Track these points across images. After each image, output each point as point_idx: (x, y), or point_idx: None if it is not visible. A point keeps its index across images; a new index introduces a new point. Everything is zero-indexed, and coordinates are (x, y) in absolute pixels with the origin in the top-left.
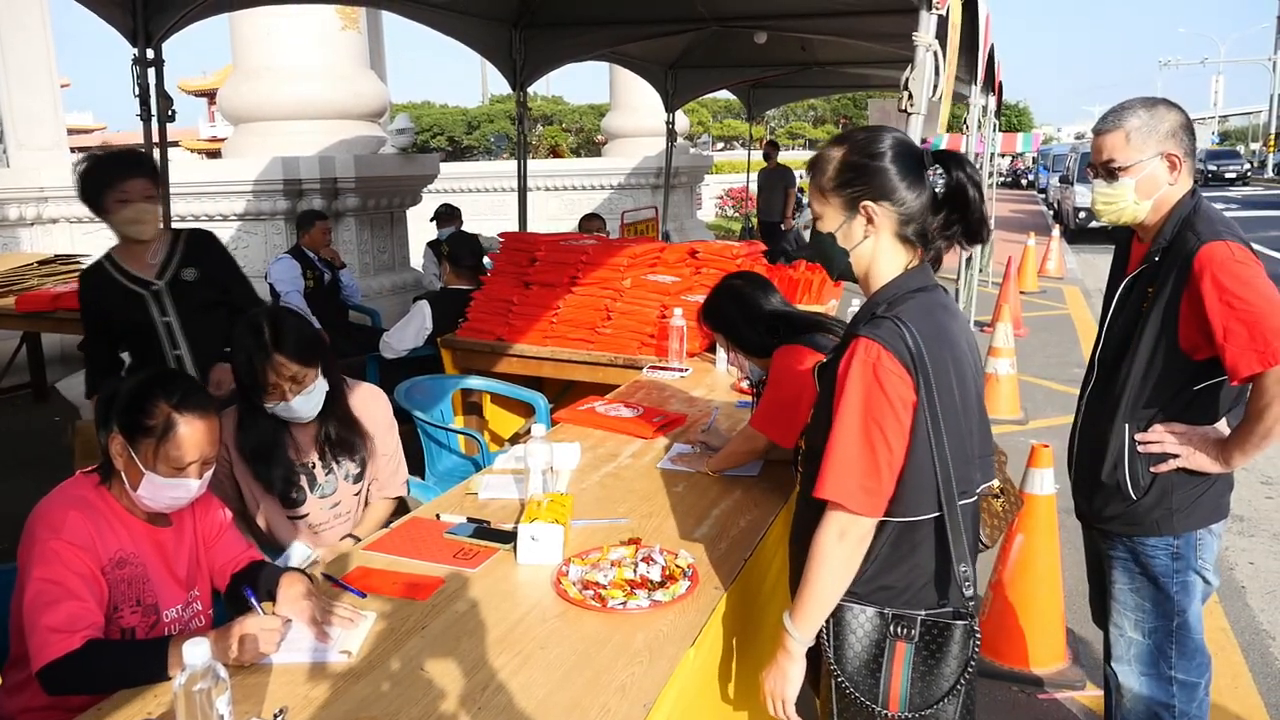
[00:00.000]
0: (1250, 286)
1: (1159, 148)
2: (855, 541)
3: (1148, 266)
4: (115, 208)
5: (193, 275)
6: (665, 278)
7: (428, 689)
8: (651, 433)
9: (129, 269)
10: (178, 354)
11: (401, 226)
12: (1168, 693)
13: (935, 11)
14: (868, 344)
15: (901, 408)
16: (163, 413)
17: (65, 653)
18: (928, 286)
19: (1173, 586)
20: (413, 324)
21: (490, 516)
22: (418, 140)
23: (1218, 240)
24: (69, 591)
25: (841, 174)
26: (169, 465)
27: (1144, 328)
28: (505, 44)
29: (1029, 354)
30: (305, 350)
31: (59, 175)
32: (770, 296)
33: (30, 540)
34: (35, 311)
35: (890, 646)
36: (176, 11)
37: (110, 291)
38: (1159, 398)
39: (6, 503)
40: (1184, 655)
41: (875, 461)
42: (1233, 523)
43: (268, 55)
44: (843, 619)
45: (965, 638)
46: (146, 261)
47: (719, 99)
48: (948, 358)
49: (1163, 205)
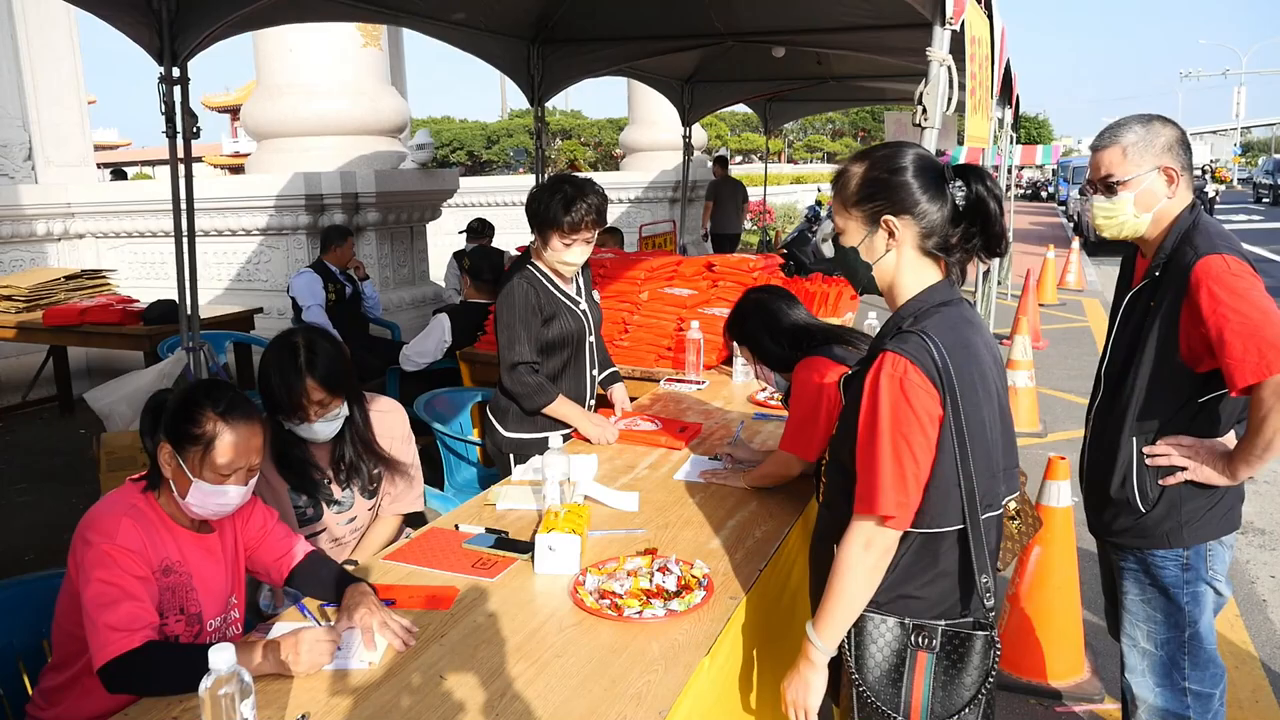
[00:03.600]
0: (1245, 299)
1: (1156, 161)
2: (880, 553)
3: (1149, 281)
4: (561, 248)
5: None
6: (682, 291)
7: (446, 696)
8: (684, 444)
9: (563, 287)
10: (594, 374)
11: (421, 241)
12: (1182, 704)
13: (949, 26)
14: (895, 359)
15: (929, 422)
16: (209, 421)
17: (127, 650)
18: (952, 300)
19: (1183, 597)
20: (432, 337)
21: (508, 527)
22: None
23: (1214, 254)
24: (127, 592)
25: (863, 189)
26: (215, 473)
27: (1147, 341)
28: (523, 60)
29: (1048, 366)
30: (336, 379)
31: (86, 191)
32: (794, 309)
33: (84, 545)
34: (62, 325)
35: (911, 656)
36: (201, 31)
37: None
38: (1164, 410)
39: (35, 513)
40: (1197, 666)
41: (902, 474)
42: (1254, 536)
43: (291, 72)
44: (864, 629)
45: (986, 648)
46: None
47: (736, 113)
48: (973, 372)
49: (1162, 219)
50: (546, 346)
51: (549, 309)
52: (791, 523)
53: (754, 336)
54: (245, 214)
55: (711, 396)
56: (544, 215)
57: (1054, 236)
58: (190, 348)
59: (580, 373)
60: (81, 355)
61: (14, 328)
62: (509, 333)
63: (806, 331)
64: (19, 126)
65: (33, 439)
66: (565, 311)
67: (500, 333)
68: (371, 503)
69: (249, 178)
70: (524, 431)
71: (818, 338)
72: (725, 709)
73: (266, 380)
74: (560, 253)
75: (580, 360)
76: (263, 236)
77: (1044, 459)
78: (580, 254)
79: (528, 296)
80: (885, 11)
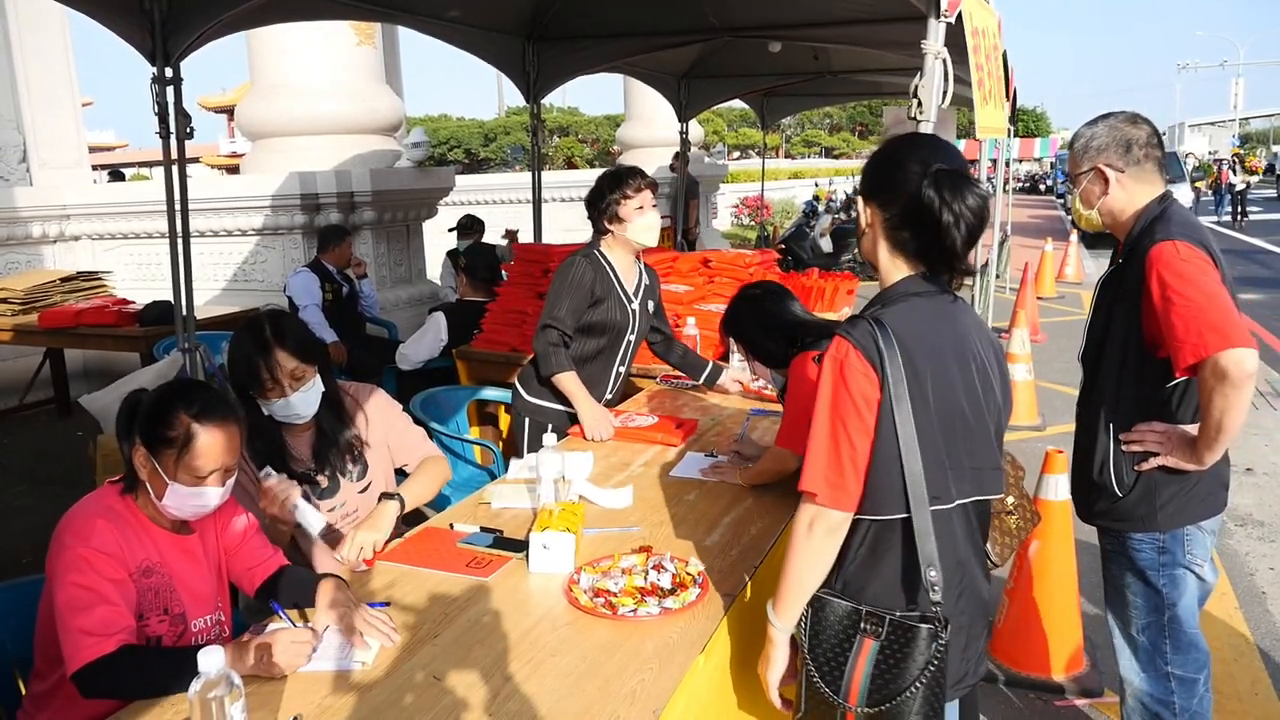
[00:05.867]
0: (1190, 282)
1: (1090, 163)
2: (824, 533)
3: (1115, 269)
4: (634, 213)
5: (650, 307)
6: (679, 287)
7: (441, 697)
8: (680, 440)
9: (622, 279)
10: (620, 371)
11: (418, 239)
12: (1166, 689)
13: (944, 19)
14: (839, 341)
15: (864, 405)
16: (183, 424)
17: (99, 656)
18: (927, 292)
19: (1160, 580)
20: (428, 336)
21: (503, 526)
22: (434, 153)
23: (1168, 240)
24: (101, 596)
25: (864, 169)
26: (191, 475)
27: (1113, 329)
28: (518, 57)
29: (1047, 359)
30: (305, 347)
31: (81, 193)
32: (789, 306)
33: (59, 548)
34: (58, 328)
35: (859, 642)
36: (194, 31)
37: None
38: (1135, 396)
39: (33, 515)
40: (1179, 650)
41: (839, 456)
42: (1254, 528)
43: (285, 72)
44: (822, 611)
45: (929, 640)
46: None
47: (734, 108)
48: (925, 361)
49: (1116, 212)
50: (586, 327)
51: (601, 291)
52: (786, 520)
53: (749, 334)
54: (241, 214)
55: (708, 393)
56: (606, 195)
57: (1052, 229)
58: (186, 349)
59: (608, 365)
60: (78, 357)
61: (10, 330)
62: (554, 295)
63: (802, 327)
64: (13, 129)
65: (30, 441)
66: (616, 300)
67: (549, 295)
68: (361, 485)
69: (244, 178)
70: (543, 400)
71: (813, 333)
72: (720, 707)
73: (237, 363)
74: (634, 219)
75: (613, 353)
76: (259, 237)
77: (1042, 452)
78: (653, 219)
79: (585, 272)
80: (881, 5)
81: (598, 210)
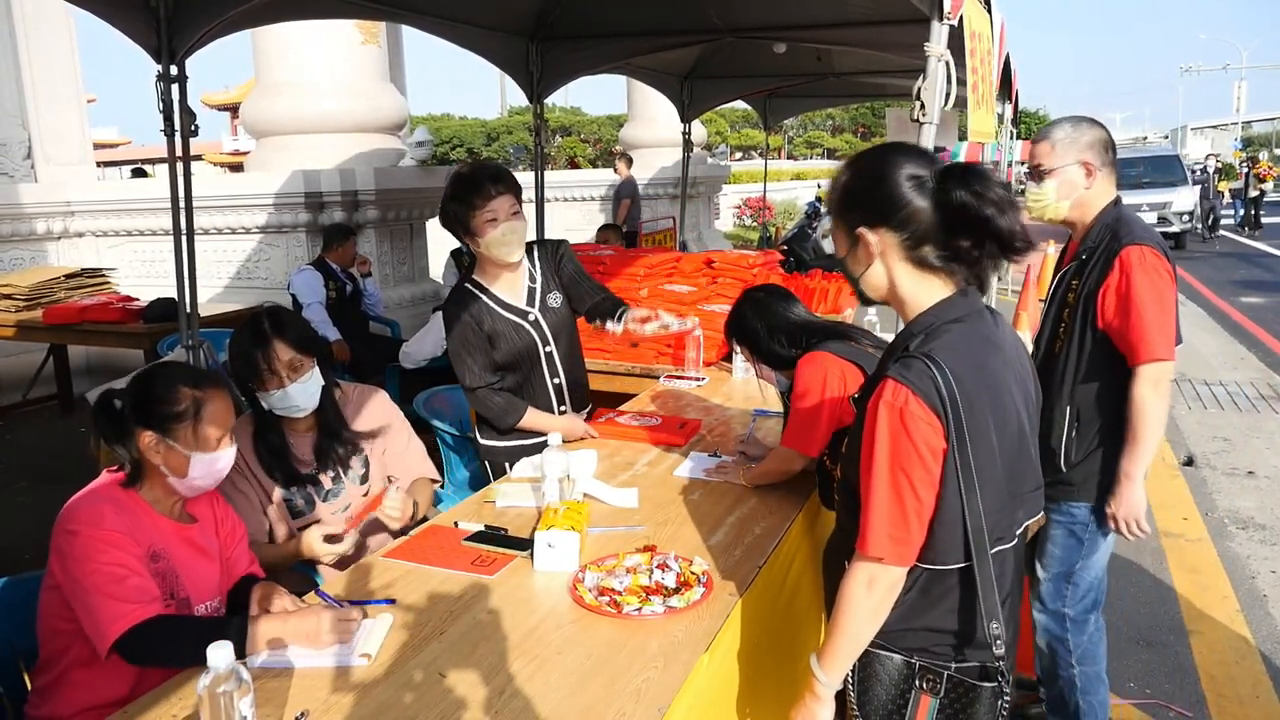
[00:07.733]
0: (1152, 290)
1: (1078, 156)
2: (884, 590)
3: (1076, 264)
4: (488, 228)
5: (557, 300)
6: (682, 287)
7: (446, 694)
8: (683, 441)
9: (502, 297)
10: (557, 383)
11: (421, 238)
12: (1061, 626)
13: (947, 21)
14: (895, 387)
15: (930, 456)
16: (186, 396)
17: (141, 620)
18: (967, 316)
19: (1085, 535)
20: (431, 334)
21: (508, 524)
22: (437, 152)
23: (1138, 244)
24: (131, 569)
25: (843, 200)
26: (208, 440)
27: (1073, 318)
28: (522, 56)
29: None
30: (303, 338)
31: (85, 190)
32: (793, 308)
33: (69, 536)
34: (62, 324)
35: (915, 699)
36: (199, 29)
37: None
38: (1092, 379)
39: (35, 511)
40: (1076, 596)
41: (903, 511)
42: (1254, 531)
43: (290, 70)
44: (870, 664)
45: (993, 700)
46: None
47: (736, 109)
48: (985, 399)
49: (1084, 207)
50: (498, 366)
51: (489, 327)
52: (791, 519)
53: (753, 336)
54: (245, 212)
55: (711, 393)
56: (456, 208)
57: (1053, 232)
58: (189, 346)
59: (540, 386)
60: (81, 354)
61: (14, 326)
62: (457, 361)
63: (806, 329)
64: (18, 125)
65: (33, 438)
66: (509, 329)
67: (453, 363)
68: (365, 488)
69: (248, 176)
70: (493, 440)
71: (818, 334)
72: (724, 706)
73: (237, 357)
74: (486, 232)
75: (537, 374)
76: (262, 234)
77: None
78: (511, 231)
79: (465, 325)
80: (884, 6)
81: (455, 225)
